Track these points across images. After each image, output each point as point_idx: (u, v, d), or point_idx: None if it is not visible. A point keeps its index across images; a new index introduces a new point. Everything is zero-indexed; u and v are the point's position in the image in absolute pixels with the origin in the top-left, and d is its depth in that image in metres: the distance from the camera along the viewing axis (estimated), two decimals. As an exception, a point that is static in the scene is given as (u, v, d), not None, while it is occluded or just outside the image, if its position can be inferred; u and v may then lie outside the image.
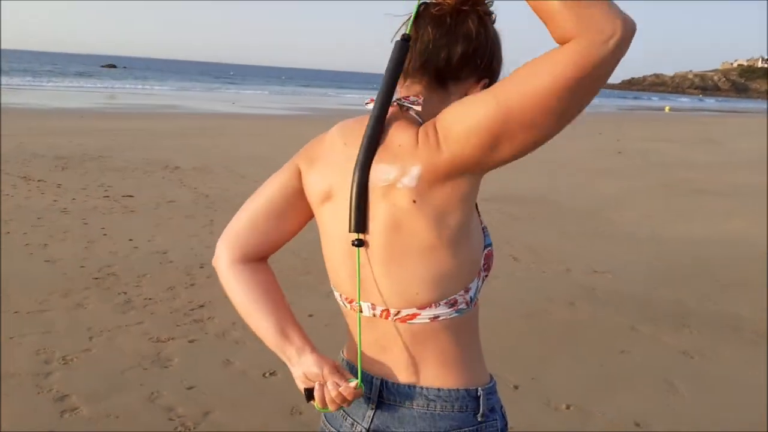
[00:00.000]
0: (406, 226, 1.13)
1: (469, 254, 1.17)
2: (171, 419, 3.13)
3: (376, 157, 1.14)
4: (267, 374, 3.59)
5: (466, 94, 1.20)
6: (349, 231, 1.16)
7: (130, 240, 6.12)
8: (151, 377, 3.52)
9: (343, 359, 1.36)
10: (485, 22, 1.19)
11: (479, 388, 1.22)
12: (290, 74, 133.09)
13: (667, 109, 44.04)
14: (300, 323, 1.28)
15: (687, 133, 23.89)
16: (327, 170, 1.23)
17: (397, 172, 1.12)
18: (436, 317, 1.17)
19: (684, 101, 75.75)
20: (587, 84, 0.97)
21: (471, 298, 1.19)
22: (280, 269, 5.54)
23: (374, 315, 1.21)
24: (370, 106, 1.21)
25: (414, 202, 1.11)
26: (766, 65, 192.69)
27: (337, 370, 1.20)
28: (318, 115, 25.67)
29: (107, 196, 7.95)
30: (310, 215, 1.31)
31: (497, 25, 1.23)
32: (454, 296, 1.17)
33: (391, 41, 1.22)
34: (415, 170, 1.10)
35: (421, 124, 1.16)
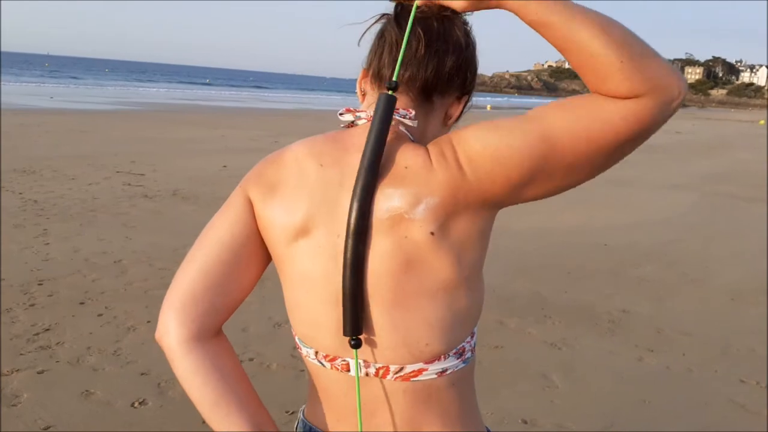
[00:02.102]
0: (420, 264, 0.95)
1: (480, 294, 1.03)
2: (29, 467, 2.72)
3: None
4: (136, 404, 3.23)
5: (446, 112, 1.07)
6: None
7: (-52, 256, 5.34)
8: (-3, 418, 3.05)
9: (304, 422, 1.13)
10: (469, 32, 1.06)
11: None
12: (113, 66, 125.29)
13: (488, 107, 46.55)
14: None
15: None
16: (298, 199, 1.00)
17: (407, 199, 0.94)
18: (444, 371, 1.01)
19: (500, 100, 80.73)
20: (639, 141, 0.92)
21: (474, 343, 1.06)
22: (130, 281, 5.06)
23: (367, 374, 1.00)
24: (346, 117, 1.03)
25: (432, 234, 0.94)
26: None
27: None
28: (147, 109, 24.28)
29: None
30: (269, 258, 1.07)
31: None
32: (462, 344, 1.02)
33: (358, 44, 1.07)
34: (432, 197, 0.94)
35: (414, 142, 1.00)
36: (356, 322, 0.95)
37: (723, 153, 19.79)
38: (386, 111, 0.96)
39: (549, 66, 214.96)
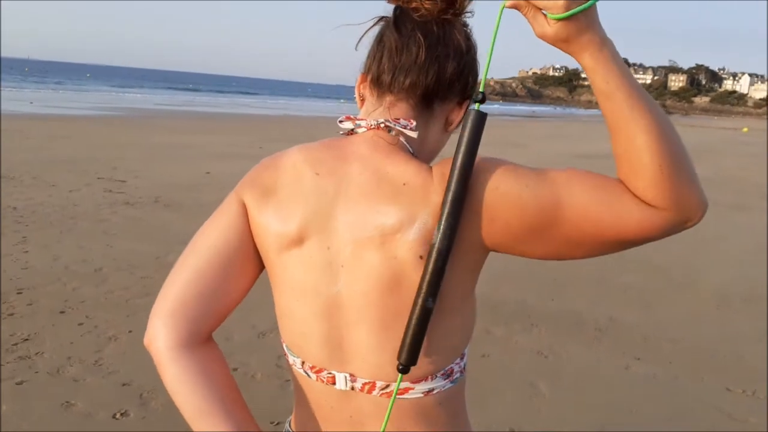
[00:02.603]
0: (407, 286, 0.92)
1: (469, 319, 1.02)
2: (6, 482, 2.65)
3: (366, 194, 0.93)
4: (118, 414, 3.16)
5: (447, 118, 1.04)
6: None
7: (-76, 264, 5.22)
8: (-27, 432, 2.97)
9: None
10: (470, 35, 1.03)
11: None
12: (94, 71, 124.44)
13: (474, 113, 46.83)
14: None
15: (494, 137, 25.40)
16: (292, 207, 0.97)
17: (400, 218, 0.91)
18: (430, 391, 0.99)
19: (485, 107, 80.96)
20: (641, 244, 0.91)
21: (465, 364, 1.04)
22: (111, 289, 4.99)
23: (353, 388, 0.99)
24: (346, 125, 1.00)
25: (420, 258, 0.91)
26: (557, 73, 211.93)
27: None
28: (128, 115, 24.09)
29: None
30: (263, 265, 1.04)
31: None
32: (451, 365, 1.00)
33: (356, 48, 1.03)
34: (428, 219, 0.91)
35: (413, 154, 0.97)
36: (415, 351, 0.92)
37: (707, 160, 19.93)
38: (478, 131, 0.91)
39: (534, 73, 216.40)
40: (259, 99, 60.08)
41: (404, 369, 0.93)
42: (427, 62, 0.98)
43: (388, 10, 1.03)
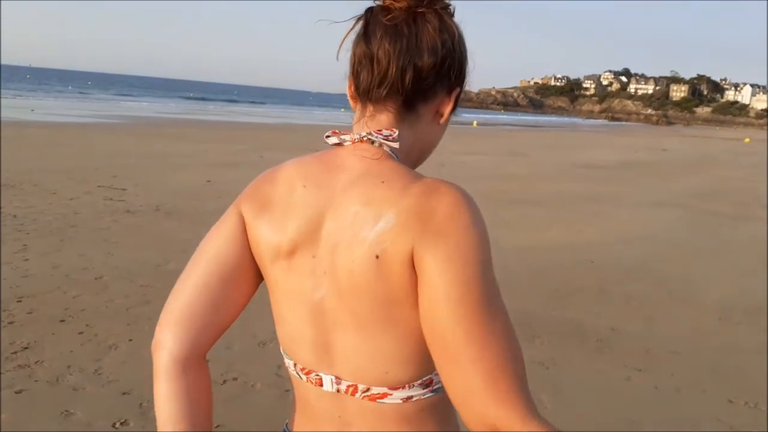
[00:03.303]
0: (370, 290, 0.94)
1: None
2: (4, 492, 2.63)
3: (349, 202, 0.96)
4: (117, 424, 3.14)
5: (438, 111, 1.03)
6: None
7: (-76, 271, 5.21)
8: (-28, 441, 2.95)
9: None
10: (446, 23, 0.99)
11: None
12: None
13: (474, 123, 46.84)
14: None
15: (496, 147, 25.47)
16: (286, 219, 1.00)
17: (371, 215, 0.93)
18: (409, 398, 1.00)
19: (487, 117, 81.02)
20: None
21: None
22: (111, 298, 4.98)
23: (338, 390, 1.02)
24: (332, 140, 1.02)
25: (377, 257, 0.92)
26: (558, 83, 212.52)
27: None
28: (129, 123, 24.13)
29: None
30: (261, 276, 1.07)
31: (457, 17, 1.03)
32: (430, 376, 1.00)
33: (337, 58, 1.03)
34: (395, 216, 0.91)
35: (397, 159, 0.99)
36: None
37: (709, 170, 19.98)
38: None
39: (535, 83, 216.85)
40: (259, 107, 60.18)
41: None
42: (399, 70, 0.97)
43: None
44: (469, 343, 0.84)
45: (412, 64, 0.97)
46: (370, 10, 1.00)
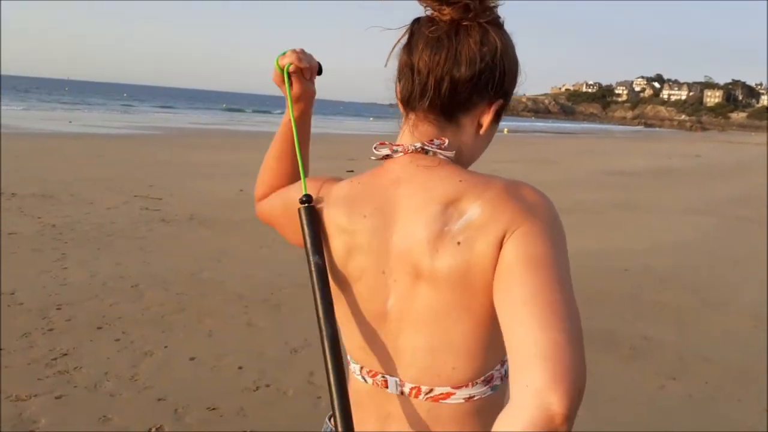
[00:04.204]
0: (448, 280, 0.96)
1: None
2: (45, 494, 2.70)
3: (416, 213, 0.99)
4: (153, 429, 3.21)
5: (479, 122, 1.05)
6: None
7: (-32, 280, 5.37)
8: (14, 444, 3.04)
9: (330, 430, 1.17)
10: (489, 36, 1.00)
11: None
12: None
13: (506, 131, 46.69)
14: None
15: (527, 154, 25.31)
16: (351, 242, 1.07)
17: (453, 213, 0.96)
18: (471, 397, 1.02)
19: (520, 124, 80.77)
20: None
21: (506, 371, 1.05)
22: (147, 305, 5.08)
23: (402, 392, 1.05)
24: (383, 150, 1.05)
25: (459, 244, 0.94)
26: (590, 90, 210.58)
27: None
28: (164, 133, 24.53)
29: (-67, 230, 6.99)
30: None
31: (508, 27, 1.05)
32: (492, 371, 1.02)
33: (385, 65, 1.07)
34: (480, 209, 0.94)
35: (452, 163, 1.02)
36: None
37: (742, 177, 19.61)
38: (311, 227, 1.10)
39: (566, 89, 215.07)
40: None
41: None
42: (437, 81, 1.00)
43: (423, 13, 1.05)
44: (562, 302, 0.87)
45: (448, 76, 1.00)
46: (416, 21, 1.04)
